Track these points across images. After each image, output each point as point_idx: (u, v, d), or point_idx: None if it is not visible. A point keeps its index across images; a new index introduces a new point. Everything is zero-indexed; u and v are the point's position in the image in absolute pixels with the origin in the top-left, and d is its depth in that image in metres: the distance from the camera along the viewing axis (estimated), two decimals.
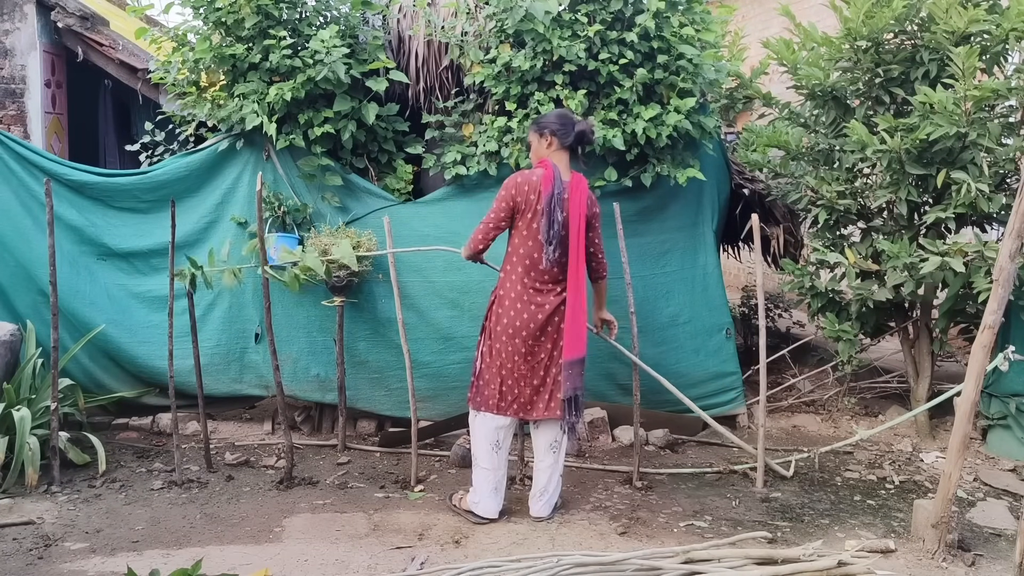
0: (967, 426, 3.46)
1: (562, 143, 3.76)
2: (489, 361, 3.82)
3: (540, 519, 3.88)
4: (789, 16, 5.10)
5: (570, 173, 3.77)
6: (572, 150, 3.79)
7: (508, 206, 3.73)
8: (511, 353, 3.75)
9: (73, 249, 4.97)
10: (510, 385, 3.78)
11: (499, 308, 3.80)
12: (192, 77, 5.02)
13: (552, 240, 3.65)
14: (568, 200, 3.70)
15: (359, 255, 4.63)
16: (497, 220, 3.78)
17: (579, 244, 3.72)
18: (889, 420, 5.11)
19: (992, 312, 3.40)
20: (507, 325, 3.75)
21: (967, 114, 4.35)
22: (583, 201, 3.73)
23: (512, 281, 3.77)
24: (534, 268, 3.73)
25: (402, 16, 5.22)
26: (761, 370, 4.40)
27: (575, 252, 3.72)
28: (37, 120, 6.44)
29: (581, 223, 3.72)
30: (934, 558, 3.49)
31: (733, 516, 3.97)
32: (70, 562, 3.41)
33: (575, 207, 3.71)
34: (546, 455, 3.88)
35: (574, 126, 3.75)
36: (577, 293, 3.71)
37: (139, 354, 4.99)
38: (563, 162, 3.77)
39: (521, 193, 3.70)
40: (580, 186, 3.76)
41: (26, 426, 4.14)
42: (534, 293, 3.74)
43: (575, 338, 3.71)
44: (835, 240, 5.22)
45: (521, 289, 3.74)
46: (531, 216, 3.69)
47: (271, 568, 3.34)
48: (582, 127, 3.77)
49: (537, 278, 3.74)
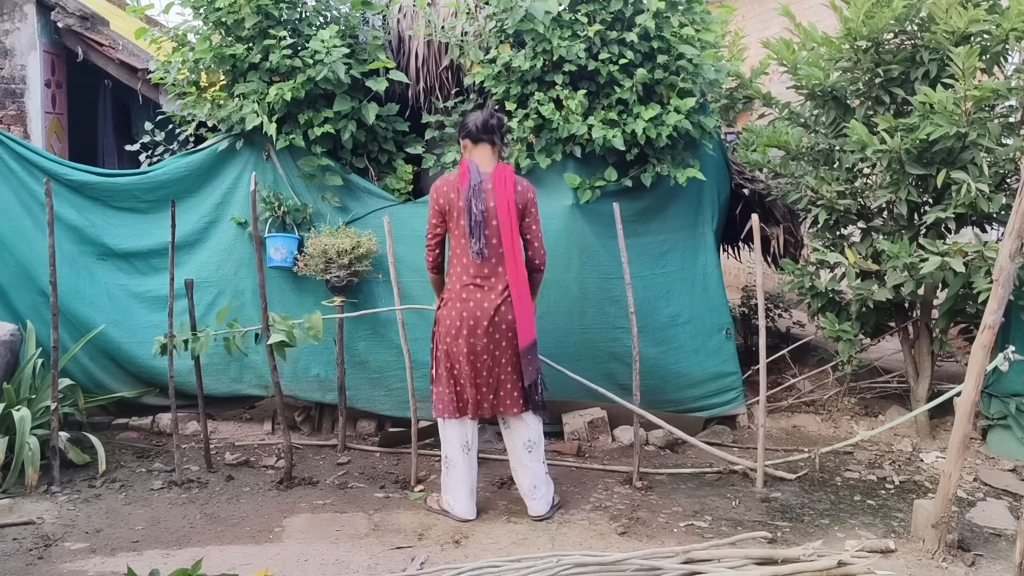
0: (967, 426, 3.46)
1: (473, 141, 3.81)
2: (439, 366, 3.84)
3: (539, 518, 3.88)
4: (789, 16, 5.10)
5: (493, 165, 3.80)
6: (488, 142, 3.81)
7: (436, 211, 3.81)
8: (456, 354, 3.76)
9: (73, 249, 4.97)
10: (463, 385, 3.78)
11: (443, 310, 3.83)
12: (192, 77, 5.03)
13: (474, 232, 3.69)
14: (492, 190, 3.72)
15: (359, 254, 4.65)
16: (432, 228, 3.86)
17: (512, 232, 3.73)
18: (889, 420, 5.11)
19: (992, 312, 3.39)
20: (449, 326, 3.77)
21: (967, 114, 4.35)
22: (510, 189, 3.74)
23: (452, 282, 3.82)
24: (471, 265, 3.76)
25: (402, 16, 5.22)
26: (761, 370, 4.40)
27: (508, 240, 3.72)
28: (37, 120, 6.44)
29: (511, 211, 3.72)
30: (934, 558, 3.48)
31: (733, 516, 3.97)
32: (70, 562, 3.42)
33: (501, 196, 3.72)
34: (523, 455, 3.88)
35: (475, 120, 3.81)
36: (518, 279, 3.73)
37: (139, 354, 4.99)
38: (483, 156, 3.80)
39: (443, 195, 3.78)
40: (505, 175, 3.77)
41: (26, 426, 4.14)
42: (473, 290, 3.75)
43: (526, 324, 3.74)
44: (835, 240, 5.22)
45: (460, 288, 3.77)
46: (456, 215, 3.75)
47: (271, 568, 3.34)
48: (479, 116, 3.81)
49: (476, 274, 3.76)
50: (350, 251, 4.62)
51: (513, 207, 3.73)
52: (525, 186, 3.84)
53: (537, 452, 3.89)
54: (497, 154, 3.85)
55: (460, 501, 3.86)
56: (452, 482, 3.88)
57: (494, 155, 3.83)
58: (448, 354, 3.79)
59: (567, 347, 4.87)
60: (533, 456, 3.88)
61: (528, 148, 4.85)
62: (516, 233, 3.75)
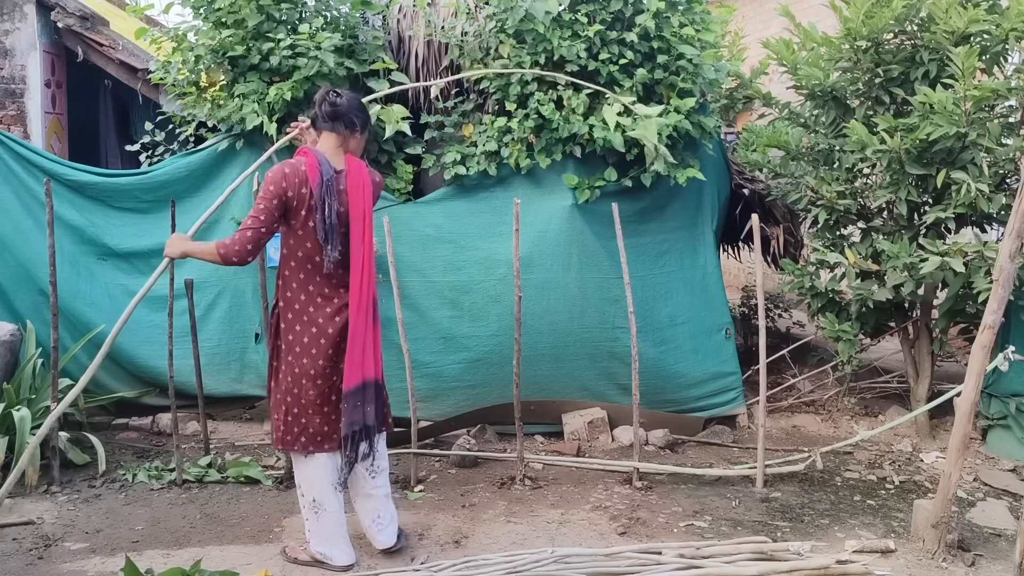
0: (967, 426, 3.46)
1: (330, 126, 3.23)
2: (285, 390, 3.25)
3: (389, 549, 3.43)
4: (789, 16, 5.10)
5: (344, 160, 3.25)
6: (346, 132, 3.24)
7: (280, 203, 3.13)
8: (306, 375, 3.21)
9: (73, 249, 4.97)
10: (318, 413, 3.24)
11: (283, 324, 3.25)
12: (192, 77, 5.03)
13: (330, 238, 3.13)
14: (346, 191, 3.18)
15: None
16: (270, 222, 3.13)
17: (364, 243, 3.19)
18: (889, 420, 5.11)
19: (992, 312, 3.40)
20: (293, 343, 3.22)
21: (967, 114, 4.35)
22: (366, 191, 3.22)
23: (294, 290, 3.21)
24: (318, 273, 3.19)
25: (402, 16, 5.22)
26: (761, 370, 4.40)
27: (359, 254, 3.17)
28: (37, 120, 6.44)
29: (367, 218, 3.20)
30: (934, 558, 3.49)
31: (733, 516, 3.97)
32: (70, 562, 3.42)
33: (356, 199, 3.19)
34: (365, 482, 3.38)
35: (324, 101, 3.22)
36: (360, 304, 3.17)
37: (139, 354, 4.99)
38: (330, 147, 3.24)
39: (292, 186, 3.12)
40: (360, 173, 3.23)
41: (26, 426, 4.14)
42: (323, 302, 3.20)
43: (356, 362, 3.17)
44: (835, 240, 5.22)
45: (306, 299, 3.20)
46: (305, 213, 3.14)
47: (271, 568, 3.34)
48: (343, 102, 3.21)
49: (324, 283, 3.20)
50: None
51: (369, 214, 3.21)
52: (378, 182, 3.38)
53: (383, 476, 3.42)
54: (345, 145, 3.26)
55: (339, 546, 3.33)
56: (325, 527, 3.30)
57: (342, 146, 3.25)
58: (307, 376, 3.21)
59: (567, 347, 4.87)
60: (379, 480, 3.40)
61: (528, 148, 4.85)
62: (369, 244, 3.21)
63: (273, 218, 3.14)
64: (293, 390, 3.24)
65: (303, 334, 3.22)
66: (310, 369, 3.21)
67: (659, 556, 3.24)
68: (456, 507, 4.02)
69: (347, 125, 3.24)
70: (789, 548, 3.33)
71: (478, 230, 4.91)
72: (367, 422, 3.24)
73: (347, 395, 3.19)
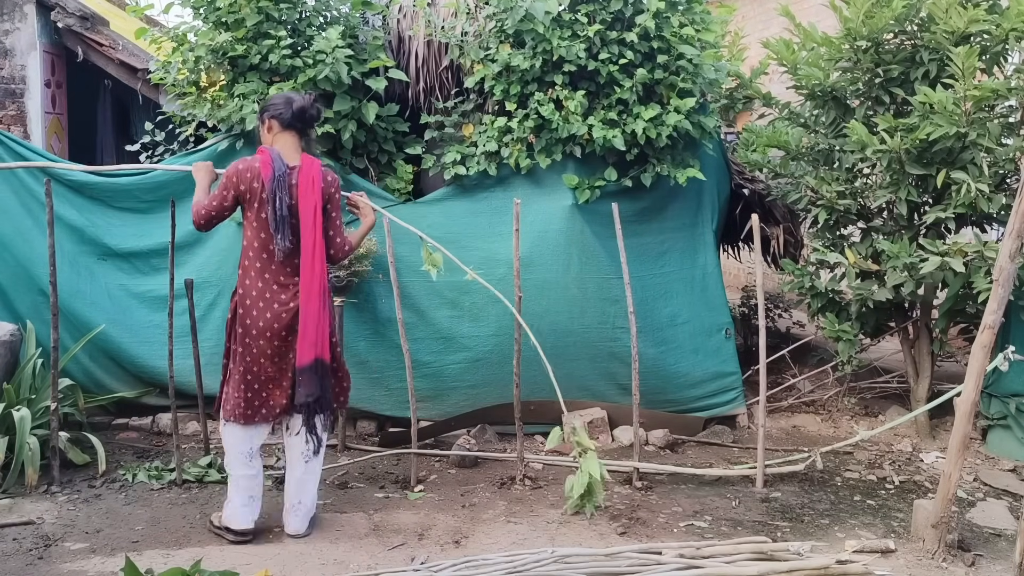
0: (967, 426, 3.46)
1: (283, 125, 3.50)
2: (234, 367, 3.56)
3: (296, 536, 3.64)
4: (789, 16, 5.11)
5: (299, 156, 3.52)
6: (299, 131, 3.53)
7: (231, 194, 3.47)
8: (257, 356, 3.49)
9: (73, 249, 4.97)
10: (256, 390, 3.52)
11: (241, 309, 3.52)
12: (192, 77, 5.03)
13: (281, 228, 3.41)
14: (297, 186, 3.45)
15: (359, 254, 4.64)
16: (220, 207, 3.51)
17: (314, 234, 3.46)
18: (889, 420, 5.11)
19: (992, 312, 3.40)
20: (250, 326, 3.49)
21: (967, 114, 4.35)
22: (316, 187, 3.47)
23: (252, 278, 3.50)
24: (272, 261, 3.48)
25: (402, 16, 5.22)
26: (761, 370, 4.40)
27: (308, 244, 3.46)
28: (37, 120, 6.44)
29: (317, 211, 3.47)
30: (934, 558, 3.49)
31: (733, 516, 3.97)
32: (70, 562, 3.42)
33: (306, 193, 3.45)
34: (296, 466, 3.65)
35: (292, 103, 3.49)
36: (311, 289, 3.46)
37: (139, 354, 4.98)
38: (288, 145, 3.51)
39: (244, 180, 3.44)
40: (312, 170, 3.49)
41: (26, 426, 4.14)
42: (278, 289, 3.48)
43: (308, 340, 3.45)
44: (835, 240, 5.22)
45: (263, 286, 3.48)
46: (258, 205, 3.44)
47: (271, 568, 3.34)
48: (300, 103, 3.50)
49: (279, 272, 3.48)
50: None
51: (319, 208, 3.48)
52: (331, 180, 3.58)
53: (315, 463, 3.66)
54: (304, 146, 3.56)
55: (236, 512, 3.58)
56: (232, 493, 3.60)
57: (300, 145, 3.54)
58: (248, 355, 3.50)
59: (567, 347, 4.87)
60: (310, 467, 3.65)
61: (528, 148, 4.85)
62: (320, 236, 3.49)
63: (223, 206, 3.51)
64: (252, 368, 3.51)
65: (259, 318, 3.48)
66: (267, 349, 3.49)
67: (659, 556, 3.24)
68: (456, 507, 4.02)
69: (313, 129, 3.64)
70: (789, 548, 3.33)
71: (478, 230, 4.91)
72: (325, 395, 3.54)
73: (302, 370, 3.47)
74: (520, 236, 4.30)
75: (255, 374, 3.51)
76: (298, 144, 3.54)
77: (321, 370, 3.51)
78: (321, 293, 3.49)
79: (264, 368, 3.51)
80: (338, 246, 3.63)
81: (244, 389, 3.52)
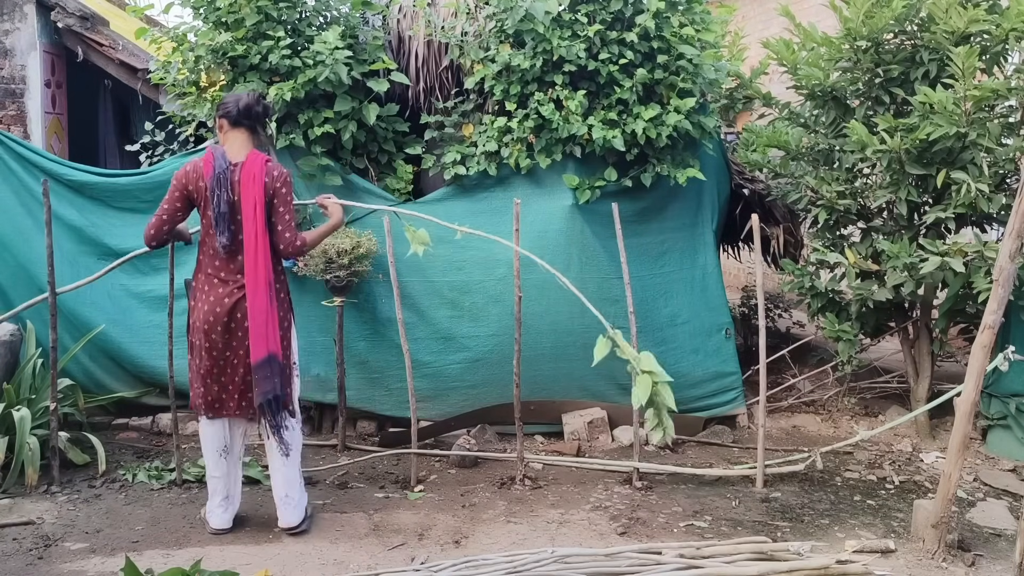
0: (967, 426, 3.46)
1: (231, 123, 3.55)
2: (191, 358, 3.65)
3: (291, 529, 3.68)
4: (789, 16, 5.10)
5: (246, 153, 3.53)
6: (248, 128, 3.56)
7: (180, 195, 3.53)
8: (199, 350, 3.57)
9: (73, 249, 4.97)
10: (208, 385, 3.58)
11: (192, 300, 3.63)
12: (192, 77, 5.03)
13: (219, 224, 3.46)
14: (239, 182, 3.47)
15: (359, 254, 4.64)
16: (171, 210, 3.55)
17: (256, 230, 3.47)
18: (889, 420, 5.11)
19: (992, 312, 3.40)
20: (195, 318, 3.58)
21: (967, 114, 4.35)
22: (257, 182, 3.47)
23: (200, 271, 3.60)
24: (216, 257, 3.54)
25: (402, 16, 5.22)
26: (761, 370, 4.40)
27: (251, 240, 3.47)
28: (37, 120, 6.44)
29: (258, 207, 3.47)
30: (934, 558, 3.49)
31: (733, 516, 3.97)
32: (70, 562, 3.42)
33: (247, 189, 3.46)
34: (275, 460, 3.67)
35: (238, 102, 3.55)
36: (256, 285, 3.47)
37: (139, 354, 4.98)
38: (236, 143, 3.55)
39: (191, 180, 3.51)
40: (254, 166, 3.49)
41: (26, 426, 4.14)
42: (217, 284, 3.54)
43: (260, 336, 3.46)
44: (835, 240, 5.22)
45: (205, 279, 3.56)
46: (203, 204, 3.52)
47: (271, 568, 3.34)
48: (246, 100, 3.55)
49: (221, 267, 3.54)
50: (350, 251, 4.61)
51: (260, 203, 3.47)
52: (276, 175, 3.54)
53: (294, 457, 3.68)
54: (255, 142, 3.60)
55: (212, 511, 3.69)
56: (209, 489, 3.70)
57: (250, 142, 3.57)
58: (194, 348, 3.61)
59: (567, 347, 4.87)
60: (288, 461, 3.66)
61: (528, 148, 4.85)
62: (261, 231, 3.48)
63: (174, 208, 3.57)
64: (195, 361, 3.61)
65: (199, 312, 3.56)
66: (206, 342, 3.54)
67: (659, 556, 3.25)
68: (456, 507, 4.02)
69: (263, 126, 3.68)
70: (789, 548, 3.34)
71: (478, 230, 4.90)
72: (277, 392, 3.52)
73: (256, 367, 3.48)
74: (520, 236, 4.30)
75: (201, 368, 3.58)
76: (246, 141, 3.57)
77: (276, 367, 3.51)
78: (267, 288, 3.49)
79: (204, 362, 3.56)
80: (287, 240, 3.56)
81: (198, 384, 3.62)
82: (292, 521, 3.69)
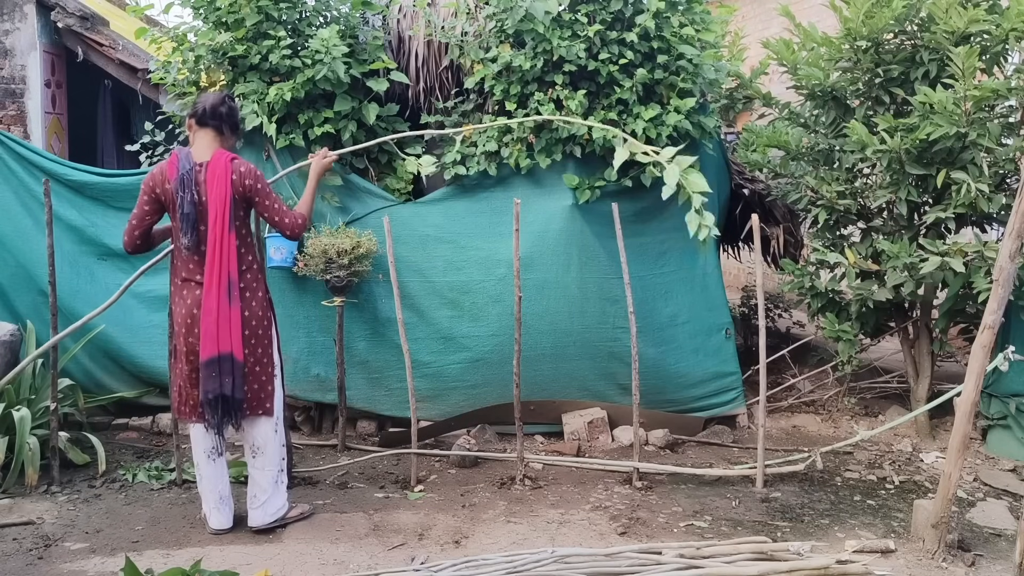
0: (967, 426, 3.46)
1: (198, 123, 3.55)
2: (172, 362, 3.68)
3: (256, 529, 3.68)
4: (789, 16, 5.11)
5: (211, 153, 3.52)
6: (215, 128, 3.55)
7: (148, 199, 3.56)
8: (176, 351, 3.61)
9: (73, 249, 4.97)
10: (181, 386, 3.61)
11: (172, 304, 3.64)
12: (192, 77, 5.03)
13: (183, 224, 3.47)
14: (205, 182, 3.46)
15: (359, 254, 4.64)
16: (140, 214, 3.59)
17: (221, 229, 3.46)
18: (889, 420, 5.11)
19: (992, 312, 3.40)
20: (172, 323, 3.63)
21: (967, 114, 4.35)
22: (224, 180, 3.46)
23: (176, 275, 3.61)
24: (189, 260, 3.54)
25: (402, 16, 5.22)
26: (761, 370, 4.40)
27: (214, 238, 3.46)
28: (37, 120, 6.44)
29: (225, 206, 3.46)
30: (934, 558, 3.48)
31: (733, 516, 3.97)
32: (70, 562, 3.42)
33: (213, 188, 3.45)
34: (248, 459, 3.74)
35: (205, 102, 3.56)
36: (211, 284, 3.45)
37: (139, 354, 4.99)
38: (203, 142, 3.55)
39: (158, 183, 3.52)
40: (219, 164, 3.48)
41: (26, 426, 4.14)
42: (182, 284, 3.55)
43: (210, 336, 3.45)
44: (835, 240, 5.22)
45: (179, 282, 3.58)
46: (171, 206, 3.53)
47: (271, 568, 3.34)
48: (212, 100, 3.56)
49: (195, 269, 3.53)
50: (350, 251, 4.62)
51: (227, 203, 3.46)
52: (244, 172, 3.52)
53: (262, 459, 3.68)
54: (222, 143, 3.58)
55: (210, 512, 3.70)
56: (201, 491, 3.72)
57: (216, 142, 3.56)
58: (178, 353, 3.60)
59: (567, 347, 4.88)
60: (257, 462, 3.68)
61: (528, 148, 4.85)
62: (226, 231, 3.47)
63: (143, 211, 3.58)
64: (176, 365, 3.62)
65: (179, 314, 3.56)
66: (182, 346, 3.55)
67: (659, 556, 3.25)
68: (456, 507, 4.02)
69: (232, 128, 3.64)
70: (789, 548, 3.34)
71: (478, 230, 4.91)
72: (223, 391, 3.48)
73: (202, 365, 3.48)
74: (520, 236, 4.30)
75: (181, 369, 3.59)
76: (212, 141, 3.55)
77: (225, 366, 3.47)
78: (225, 287, 3.47)
79: (184, 366, 3.57)
80: (287, 224, 3.62)
81: (177, 385, 3.64)
82: (255, 522, 3.69)
